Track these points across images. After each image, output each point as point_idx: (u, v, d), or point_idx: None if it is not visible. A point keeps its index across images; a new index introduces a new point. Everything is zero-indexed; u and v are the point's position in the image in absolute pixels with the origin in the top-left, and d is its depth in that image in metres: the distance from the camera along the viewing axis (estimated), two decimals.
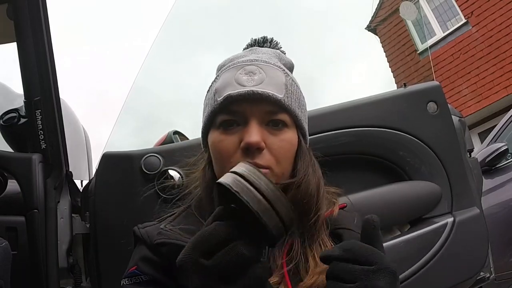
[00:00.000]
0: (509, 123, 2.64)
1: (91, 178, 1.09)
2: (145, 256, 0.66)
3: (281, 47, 0.79)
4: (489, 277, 1.05)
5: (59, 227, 1.06)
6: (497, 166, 2.42)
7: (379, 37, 7.90)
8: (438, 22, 7.15)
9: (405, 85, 1.12)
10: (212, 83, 0.72)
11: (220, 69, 0.73)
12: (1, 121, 1.11)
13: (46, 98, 1.10)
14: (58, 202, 1.09)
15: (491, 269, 1.08)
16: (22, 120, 1.11)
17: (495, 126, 2.80)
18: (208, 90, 0.72)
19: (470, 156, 1.16)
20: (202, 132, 0.72)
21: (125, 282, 0.64)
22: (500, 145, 2.40)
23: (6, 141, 1.15)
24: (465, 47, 6.69)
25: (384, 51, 7.81)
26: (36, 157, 1.07)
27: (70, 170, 1.17)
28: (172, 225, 0.69)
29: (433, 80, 1.19)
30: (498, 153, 2.37)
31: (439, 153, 1.06)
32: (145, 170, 1.01)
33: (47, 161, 1.10)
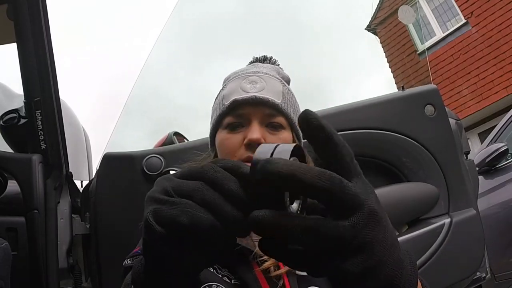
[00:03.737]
0: (509, 123, 2.64)
1: (91, 178, 1.09)
2: None
3: (279, 64, 0.88)
4: (485, 277, 1.06)
5: (59, 228, 1.06)
6: (497, 166, 2.43)
7: (379, 38, 7.90)
8: (438, 23, 7.15)
9: (403, 88, 1.13)
10: (220, 91, 0.82)
11: (226, 80, 0.83)
12: (1, 121, 1.11)
13: (46, 98, 1.10)
14: (58, 202, 1.09)
15: (487, 269, 1.09)
16: (22, 121, 1.11)
17: (495, 126, 2.80)
18: (216, 98, 0.82)
19: (467, 158, 1.16)
20: (211, 133, 0.81)
21: (126, 261, 0.67)
22: (500, 145, 2.41)
23: (6, 142, 1.16)
24: (465, 48, 6.69)
25: (384, 52, 7.82)
26: (36, 157, 1.08)
27: (70, 170, 1.18)
28: None
29: (430, 82, 1.20)
30: (498, 153, 2.38)
31: (436, 155, 1.07)
32: (146, 171, 1.02)
33: (47, 162, 1.10)
